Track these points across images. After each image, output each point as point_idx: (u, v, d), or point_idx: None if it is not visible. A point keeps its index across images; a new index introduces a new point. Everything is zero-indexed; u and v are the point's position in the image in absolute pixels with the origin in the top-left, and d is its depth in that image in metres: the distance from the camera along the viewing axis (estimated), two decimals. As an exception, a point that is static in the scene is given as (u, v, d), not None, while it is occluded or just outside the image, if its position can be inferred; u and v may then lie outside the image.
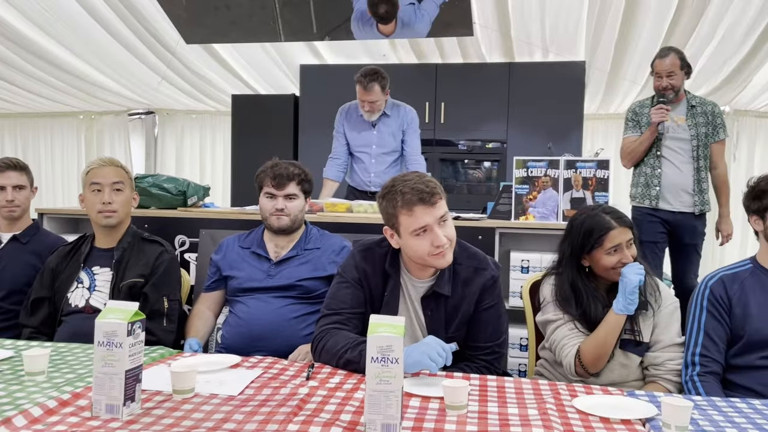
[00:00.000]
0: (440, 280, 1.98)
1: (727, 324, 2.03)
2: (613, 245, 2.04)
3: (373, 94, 3.82)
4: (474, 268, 2.00)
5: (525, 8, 4.60)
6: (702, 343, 2.02)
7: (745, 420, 1.46)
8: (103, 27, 5.08)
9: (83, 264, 2.43)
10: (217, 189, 6.97)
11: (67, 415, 1.39)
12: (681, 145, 3.66)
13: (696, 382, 1.97)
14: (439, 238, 1.84)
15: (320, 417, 1.40)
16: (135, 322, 1.42)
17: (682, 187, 3.66)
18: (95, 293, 2.37)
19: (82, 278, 2.40)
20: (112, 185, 2.41)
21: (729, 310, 2.03)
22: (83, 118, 7.77)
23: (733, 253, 6.38)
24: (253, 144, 5.94)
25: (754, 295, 2.02)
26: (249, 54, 5.70)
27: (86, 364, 1.79)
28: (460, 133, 5.69)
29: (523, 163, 3.29)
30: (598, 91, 6.02)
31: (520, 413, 1.47)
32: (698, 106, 3.69)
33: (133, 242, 2.46)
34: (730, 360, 2.03)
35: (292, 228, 2.49)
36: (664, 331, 2.09)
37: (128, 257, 2.42)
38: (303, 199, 2.52)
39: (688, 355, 2.03)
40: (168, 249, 2.49)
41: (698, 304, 2.08)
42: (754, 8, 4.21)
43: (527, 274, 3.07)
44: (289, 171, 2.48)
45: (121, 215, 2.43)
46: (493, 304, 2.01)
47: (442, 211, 1.87)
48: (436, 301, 1.99)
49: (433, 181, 1.89)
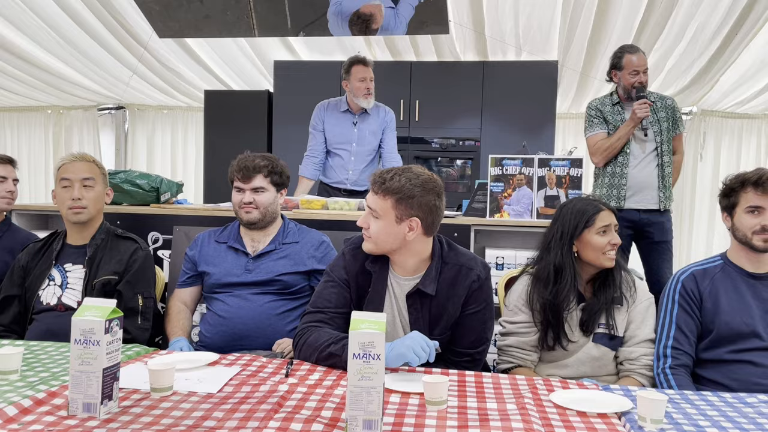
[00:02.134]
0: (426, 278, 1.97)
1: (698, 318, 2.08)
2: (604, 224, 2.10)
3: (371, 72, 3.89)
4: (459, 268, 1.98)
5: (499, 7, 4.63)
6: (674, 336, 2.07)
7: (718, 413, 1.50)
8: (73, 19, 4.98)
9: (55, 261, 2.38)
10: (189, 186, 6.89)
11: (43, 414, 1.36)
12: (645, 143, 3.67)
13: (668, 375, 2.02)
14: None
15: (301, 413, 1.40)
16: (113, 319, 1.41)
17: (648, 184, 3.65)
18: (68, 291, 2.33)
19: (53, 276, 2.36)
20: (82, 181, 2.37)
21: (700, 304, 2.08)
22: (51, 112, 7.61)
23: (698, 250, 6.53)
24: (226, 140, 5.89)
25: (724, 290, 2.07)
26: (222, 49, 5.65)
27: (60, 362, 1.76)
28: (434, 130, 5.72)
29: (497, 161, 3.32)
30: (570, 90, 6.10)
31: (499, 408, 1.49)
32: (659, 101, 3.70)
33: (106, 239, 2.42)
34: (700, 354, 2.08)
35: (263, 222, 2.45)
36: (640, 327, 2.13)
37: (101, 254, 2.37)
38: (273, 192, 2.46)
39: (659, 347, 2.08)
40: (142, 246, 2.45)
41: (670, 298, 2.13)
42: (722, 10, 4.30)
43: (502, 271, 3.10)
44: (255, 163, 2.44)
45: (91, 211, 2.38)
46: (477, 310, 1.98)
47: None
48: (421, 300, 1.98)
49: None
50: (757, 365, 1.98)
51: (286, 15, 4.51)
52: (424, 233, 1.94)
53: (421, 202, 1.90)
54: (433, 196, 1.91)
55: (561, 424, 1.39)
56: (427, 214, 1.91)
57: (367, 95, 3.92)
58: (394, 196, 1.90)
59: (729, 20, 4.40)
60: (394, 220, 1.91)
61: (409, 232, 1.91)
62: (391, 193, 1.90)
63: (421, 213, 1.90)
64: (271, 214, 2.46)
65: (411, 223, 1.91)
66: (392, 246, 1.95)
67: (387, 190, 1.91)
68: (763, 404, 1.59)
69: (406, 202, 1.89)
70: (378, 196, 1.93)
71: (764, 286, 2.06)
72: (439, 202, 1.94)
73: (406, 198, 1.89)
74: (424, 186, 1.91)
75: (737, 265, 2.11)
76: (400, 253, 1.98)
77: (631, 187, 3.64)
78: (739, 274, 2.10)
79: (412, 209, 1.90)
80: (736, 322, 2.02)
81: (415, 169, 1.95)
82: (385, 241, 1.95)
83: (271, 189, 2.46)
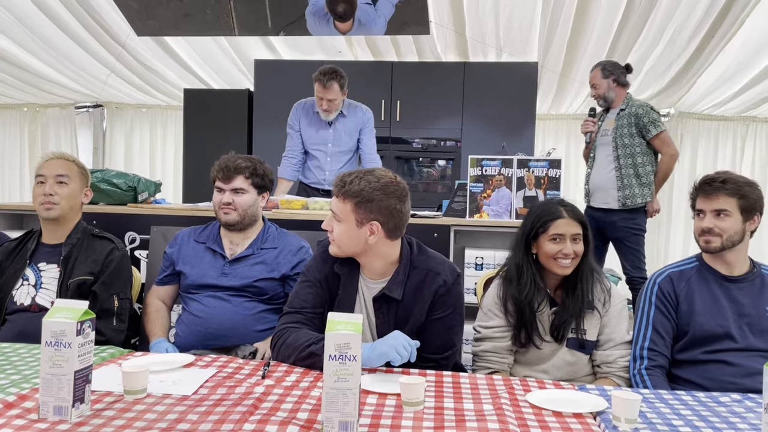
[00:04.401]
0: (392, 282, 1.95)
1: (673, 319, 2.10)
2: (557, 233, 2.08)
3: (332, 92, 3.79)
4: (426, 272, 1.95)
5: (480, 8, 4.65)
6: (650, 337, 2.09)
7: (691, 412, 1.52)
8: (50, 17, 4.91)
9: (29, 260, 2.34)
10: (168, 185, 6.82)
11: (12, 417, 1.34)
12: (605, 148, 4.07)
13: (644, 376, 2.03)
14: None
15: (277, 416, 1.39)
16: (85, 321, 1.38)
17: (605, 185, 4.04)
18: (42, 291, 2.29)
19: (27, 275, 2.32)
20: (56, 177, 2.34)
21: (676, 306, 2.10)
22: (27, 110, 7.50)
23: (676, 250, 6.61)
24: (205, 140, 5.84)
25: (699, 292, 2.10)
26: (202, 47, 5.60)
27: (32, 364, 1.73)
28: (415, 131, 5.72)
29: (477, 161, 3.33)
30: (549, 91, 6.14)
31: (475, 408, 1.49)
32: (626, 109, 4.00)
33: (82, 238, 2.38)
34: (675, 355, 2.10)
35: (241, 224, 2.42)
36: (615, 330, 2.13)
37: (77, 254, 2.34)
38: (254, 194, 2.43)
39: (636, 349, 2.09)
40: (119, 246, 2.42)
41: (647, 299, 2.15)
42: (699, 12, 4.36)
43: (481, 271, 3.11)
44: (236, 164, 2.41)
45: (63, 208, 2.34)
46: (443, 315, 1.95)
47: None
48: (387, 305, 1.95)
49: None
50: (731, 365, 2.00)
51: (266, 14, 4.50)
52: (387, 237, 1.92)
53: (381, 206, 1.88)
54: (393, 199, 1.89)
55: (537, 425, 1.40)
56: (387, 217, 1.89)
57: (325, 110, 3.89)
58: (353, 199, 1.88)
59: (706, 23, 4.46)
60: (355, 223, 1.89)
61: (370, 235, 1.90)
62: (350, 197, 1.89)
63: (381, 217, 1.88)
64: (250, 217, 2.43)
65: (372, 227, 1.89)
66: (355, 249, 1.94)
67: (347, 193, 1.89)
68: (735, 403, 1.61)
69: (365, 206, 1.87)
70: (339, 199, 1.92)
71: (738, 288, 2.09)
72: (401, 206, 1.90)
73: (365, 201, 1.87)
74: (384, 189, 1.88)
75: (712, 268, 2.13)
76: (366, 256, 1.96)
77: (592, 187, 4.14)
78: (713, 276, 2.12)
79: (371, 213, 1.88)
80: (710, 324, 2.04)
81: (378, 173, 1.93)
82: (348, 244, 1.93)
83: (251, 191, 2.42)
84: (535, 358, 2.16)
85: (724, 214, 2.05)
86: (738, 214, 2.05)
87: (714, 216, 2.07)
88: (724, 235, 2.05)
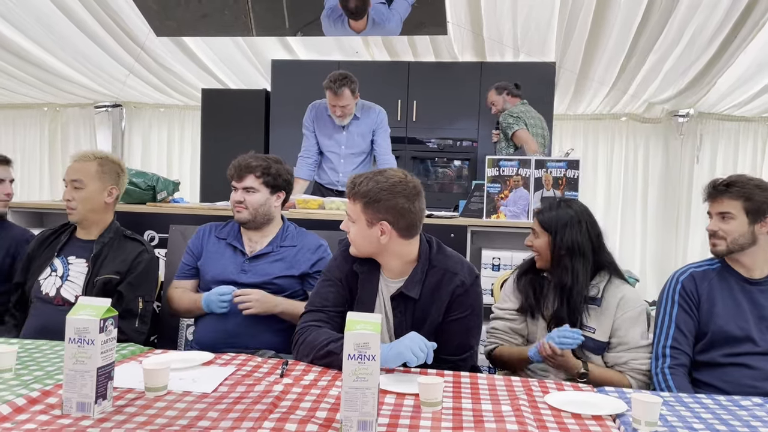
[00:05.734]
0: (410, 281, 1.96)
1: (696, 318, 2.09)
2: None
3: (344, 99, 3.79)
4: (444, 272, 1.96)
5: (497, 8, 4.63)
6: (673, 335, 2.07)
7: (712, 416, 1.51)
8: (70, 19, 4.96)
9: (59, 252, 2.40)
10: (185, 184, 6.88)
11: (36, 413, 1.36)
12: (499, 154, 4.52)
13: (666, 375, 2.01)
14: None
15: (296, 414, 1.40)
16: (107, 318, 1.40)
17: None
18: (67, 283, 2.34)
19: (56, 266, 2.38)
20: (72, 183, 2.40)
21: (698, 305, 2.09)
22: (48, 110, 7.59)
23: (695, 252, 6.55)
24: (223, 139, 5.87)
25: (720, 293, 2.08)
26: (220, 48, 5.63)
27: (55, 361, 1.76)
28: (431, 131, 5.71)
29: (494, 162, 3.32)
30: (567, 91, 6.10)
31: (493, 409, 1.49)
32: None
33: (114, 238, 2.43)
34: (695, 357, 2.09)
35: (254, 222, 2.44)
36: (627, 334, 2.11)
37: (107, 252, 2.39)
38: (266, 193, 2.43)
39: (659, 347, 2.08)
40: (148, 249, 2.46)
41: (669, 297, 2.14)
42: (720, 12, 4.31)
43: (498, 272, 3.11)
44: (247, 163, 2.44)
45: (81, 211, 2.38)
46: (461, 317, 1.95)
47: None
48: (405, 303, 1.96)
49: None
50: (752, 368, 1.98)
51: (283, 15, 4.51)
52: (400, 236, 1.92)
53: (388, 206, 1.88)
54: (401, 199, 1.89)
55: (556, 426, 1.39)
56: (396, 217, 1.89)
57: (339, 116, 3.90)
58: (362, 200, 1.90)
59: (728, 23, 4.40)
60: (366, 224, 1.91)
61: (381, 235, 1.91)
62: (359, 198, 1.91)
63: (390, 216, 1.89)
64: (262, 216, 2.45)
65: (382, 227, 1.90)
66: (370, 249, 1.96)
67: (356, 194, 1.92)
68: (757, 407, 1.59)
69: (373, 206, 1.89)
70: (350, 200, 1.94)
71: (759, 291, 2.07)
72: (410, 204, 1.90)
73: (373, 202, 1.89)
74: (391, 189, 1.89)
75: (733, 269, 2.11)
76: (382, 255, 1.98)
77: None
78: (734, 278, 2.10)
79: (379, 213, 1.89)
80: (730, 326, 2.03)
81: (387, 173, 1.94)
82: (362, 244, 1.95)
83: (263, 190, 2.43)
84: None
85: (728, 217, 2.06)
86: (743, 217, 2.04)
87: (719, 219, 2.08)
88: (728, 237, 2.06)
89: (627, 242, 6.83)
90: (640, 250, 6.83)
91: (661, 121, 6.70)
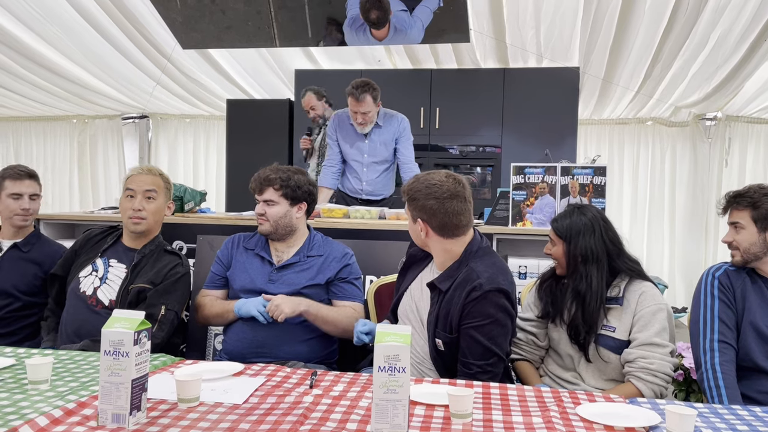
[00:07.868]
0: (444, 274, 2.08)
1: (735, 311, 2.08)
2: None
3: (365, 105, 3.82)
4: (469, 272, 2.01)
5: (520, 15, 4.62)
6: (719, 329, 2.05)
7: (747, 428, 1.48)
8: (99, 32, 5.06)
9: (102, 252, 2.47)
10: (211, 194, 6.92)
11: (73, 424, 1.38)
12: None
13: (717, 370, 1.98)
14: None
15: (326, 426, 1.41)
16: (141, 331, 1.42)
17: None
18: (104, 286, 2.40)
19: (97, 265, 2.44)
20: (145, 192, 2.45)
21: (734, 298, 2.09)
22: (76, 122, 7.74)
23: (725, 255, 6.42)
24: (248, 149, 5.93)
25: (752, 289, 2.08)
26: (244, 59, 5.70)
27: (89, 372, 1.79)
28: (454, 138, 5.71)
29: (519, 169, 3.31)
30: (591, 96, 6.05)
31: (524, 421, 1.48)
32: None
33: (155, 251, 2.49)
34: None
35: (275, 234, 2.46)
36: (641, 330, 2.09)
37: (146, 263, 2.44)
38: (286, 206, 2.44)
39: (705, 342, 2.05)
40: (184, 263, 2.50)
41: (708, 293, 2.12)
42: (747, 15, 4.25)
43: (525, 280, 3.09)
44: (266, 176, 2.46)
45: (150, 222, 2.47)
46: (483, 324, 1.96)
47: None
48: (437, 294, 2.08)
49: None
50: None
51: (306, 25, 4.55)
52: (439, 235, 2.07)
53: (422, 206, 2.05)
54: (432, 200, 2.03)
55: (588, 439, 1.38)
56: (429, 216, 2.05)
57: (360, 124, 3.93)
58: (405, 197, 2.11)
59: (755, 26, 4.34)
60: (411, 219, 2.11)
61: (421, 231, 2.08)
62: (404, 195, 2.12)
63: (424, 215, 2.06)
64: (284, 227, 2.46)
65: (421, 224, 2.07)
66: (419, 242, 2.16)
67: (404, 192, 2.13)
68: (794, 419, 1.56)
69: (411, 204, 2.08)
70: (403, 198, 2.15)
71: None
72: (439, 206, 2.02)
73: (411, 200, 2.08)
74: (426, 190, 2.05)
75: (760, 275, 2.11)
76: (429, 248, 2.15)
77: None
78: (763, 281, 2.09)
79: (416, 211, 2.08)
80: (759, 323, 2.02)
81: (433, 174, 2.09)
82: (414, 238, 2.17)
83: (282, 202, 2.44)
84: (569, 362, 2.21)
85: (739, 227, 2.09)
86: (752, 226, 2.05)
87: (732, 230, 2.11)
88: (741, 247, 2.08)
89: (655, 249, 6.73)
90: (669, 256, 6.72)
91: (688, 124, 6.61)
